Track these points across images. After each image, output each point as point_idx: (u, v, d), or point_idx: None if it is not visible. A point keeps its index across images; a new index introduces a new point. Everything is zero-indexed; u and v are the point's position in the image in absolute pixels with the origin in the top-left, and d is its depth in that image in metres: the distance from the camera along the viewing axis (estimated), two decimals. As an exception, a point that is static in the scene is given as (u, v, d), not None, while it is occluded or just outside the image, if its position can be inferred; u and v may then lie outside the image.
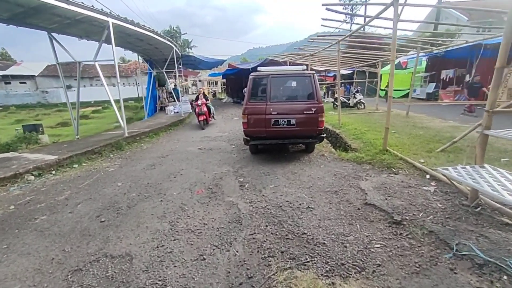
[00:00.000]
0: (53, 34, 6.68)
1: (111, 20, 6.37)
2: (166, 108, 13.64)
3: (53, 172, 4.93)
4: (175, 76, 20.41)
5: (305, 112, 4.86)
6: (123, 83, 36.35)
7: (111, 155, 6.16)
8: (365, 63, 15.99)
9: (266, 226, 2.79)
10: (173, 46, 11.05)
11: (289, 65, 10.91)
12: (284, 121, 4.92)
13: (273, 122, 4.94)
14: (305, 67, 5.18)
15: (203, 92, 9.98)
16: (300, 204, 3.26)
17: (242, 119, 5.07)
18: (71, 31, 7.04)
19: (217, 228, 2.81)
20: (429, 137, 6.04)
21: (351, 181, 4.00)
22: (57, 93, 38.01)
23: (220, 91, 40.83)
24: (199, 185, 4.14)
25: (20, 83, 38.26)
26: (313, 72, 4.91)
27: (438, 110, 11.03)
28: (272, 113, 4.90)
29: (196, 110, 9.47)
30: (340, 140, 7.14)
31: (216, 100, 28.23)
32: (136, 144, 7.30)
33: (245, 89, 20.24)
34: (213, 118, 10.90)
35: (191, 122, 11.74)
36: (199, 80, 50.13)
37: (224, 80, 32.27)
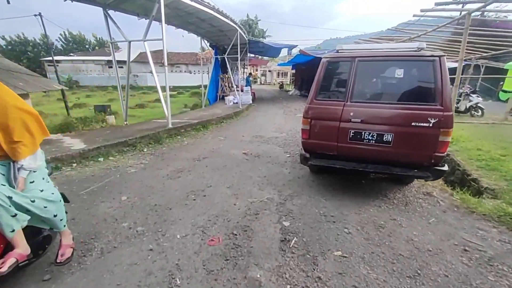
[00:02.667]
0: (108, 11, 6.21)
1: (162, -9, 5.40)
2: (225, 97, 12.80)
3: (74, 165, 4.28)
4: (243, 64, 19.69)
5: (413, 123, 2.78)
6: (198, 71, 38.47)
7: (145, 149, 5.32)
8: (484, 54, 11.74)
9: None
10: (237, 28, 9.83)
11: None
12: (372, 135, 2.95)
13: (352, 134, 3.03)
14: (424, 44, 3.01)
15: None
16: None
17: (302, 124, 3.33)
18: (127, 8, 6.47)
19: None
20: None
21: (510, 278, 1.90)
22: (144, 77, 43.24)
23: (288, 82, 38.92)
24: (219, 224, 2.67)
25: (119, 67, 44.65)
26: (440, 54, 2.74)
27: None
28: (353, 119, 2.99)
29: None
30: (455, 166, 4.58)
31: (282, 91, 26.65)
32: (178, 137, 6.39)
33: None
34: None
35: (248, 116, 10.49)
36: (269, 70, 49.25)
37: (294, 71, 30.26)
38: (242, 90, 13.82)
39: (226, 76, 13.46)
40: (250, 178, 3.96)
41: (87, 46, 52.78)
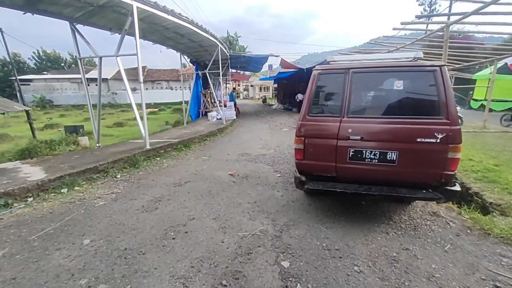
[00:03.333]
0: (76, 26, 5.72)
1: (135, 4, 5.03)
2: (208, 113, 12.38)
3: (29, 199, 3.62)
4: (226, 79, 19.51)
5: (419, 139, 2.50)
6: (179, 87, 37.97)
7: (118, 175, 4.73)
8: (456, 66, 12.31)
9: None
10: (218, 43, 9.60)
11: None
12: (374, 154, 2.64)
13: (351, 153, 2.71)
14: (421, 54, 2.81)
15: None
16: None
17: (295, 143, 2.97)
18: (97, 22, 6.02)
19: None
20: None
21: None
22: (124, 94, 42.09)
23: (270, 96, 39.30)
24: (204, 271, 2.18)
25: (96, 85, 43.21)
26: (441, 64, 2.53)
27: None
28: (351, 137, 2.68)
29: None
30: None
31: (265, 106, 26.67)
32: (157, 159, 5.83)
33: (299, 95, 17.93)
34: None
35: (232, 132, 10.09)
36: (251, 85, 49.70)
37: (276, 86, 30.60)
38: (225, 106, 13.49)
39: (208, 91, 13.11)
40: (239, 205, 3.51)
41: (62, 64, 51.03)
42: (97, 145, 6.48)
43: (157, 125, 13.93)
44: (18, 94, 17.11)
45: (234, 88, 15.96)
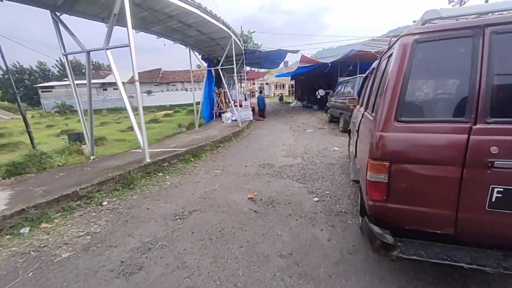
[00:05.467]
0: (60, 16, 4.71)
1: (124, -20, 3.91)
2: (222, 115, 11.25)
3: (-31, 249, 2.57)
4: (241, 77, 18.35)
5: None
6: (195, 88, 37.45)
7: (105, 202, 3.63)
8: None
9: None
10: (231, 34, 8.38)
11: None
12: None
13: (497, 195, 1.35)
14: None
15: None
16: None
17: (370, 171, 1.65)
18: (84, 9, 4.96)
19: None
20: None
21: None
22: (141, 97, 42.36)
23: (287, 94, 37.69)
24: None
25: (114, 89, 43.82)
26: None
27: None
28: (497, 162, 1.32)
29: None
30: None
31: (282, 104, 25.31)
32: (159, 175, 4.72)
33: (320, 90, 16.41)
34: None
35: (249, 135, 8.85)
36: (266, 83, 48.28)
37: (293, 82, 29.07)
38: (240, 106, 12.29)
39: (222, 90, 11.96)
40: (266, 259, 2.25)
41: (83, 71, 52.59)
42: (92, 157, 5.48)
43: (171, 128, 13.10)
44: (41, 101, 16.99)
45: (261, 91, 14.64)
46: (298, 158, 5.57)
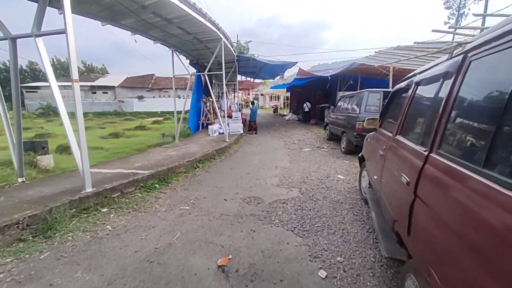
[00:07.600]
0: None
1: None
2: (209, 126, 10.02)
3: None
4: (234, 86, 17.29)
5: None
6: (188, 95, 36.32)
7: (-10, 267, 2.29)
8: None
9: None
10: (220, 35, 7.26)
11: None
12: None
13: None
14: None
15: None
16: None
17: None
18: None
19: None
20: None
21: None
22: (130, 103, 40.96)
23: (282, 106, 36.83)
24: None
25: (103, 93, 42.23)
26: None
27: None
28: None
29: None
30: None
31: (277, 116, 24.33)
32: (103, 211, 3.39)
33: (307, 103, 15.67)
34: None
35: (237, 153, 7.59)
36: (261, 94, 47.49)
37: (288, 94, 28.26)
38: (230, 117, 11.11)
39: (210, 99, 10.77)
40: None
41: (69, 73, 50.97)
42: (19, 180, 4.09)
43: (156, 137, 11.82)
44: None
45: (253, 102, 13.55)
46: (294, 189, 4.35)
